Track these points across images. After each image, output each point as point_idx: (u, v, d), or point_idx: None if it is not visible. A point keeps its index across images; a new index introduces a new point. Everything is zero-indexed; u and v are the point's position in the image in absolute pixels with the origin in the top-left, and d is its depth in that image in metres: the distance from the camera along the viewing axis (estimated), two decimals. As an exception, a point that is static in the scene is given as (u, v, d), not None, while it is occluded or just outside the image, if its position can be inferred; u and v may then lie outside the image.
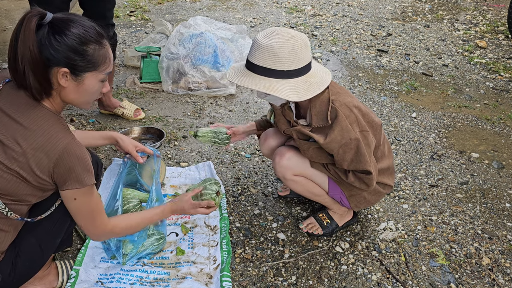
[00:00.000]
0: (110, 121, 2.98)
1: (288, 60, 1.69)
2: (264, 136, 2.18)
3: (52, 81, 1.36)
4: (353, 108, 1.78)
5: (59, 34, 1.32)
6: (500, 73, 4.05)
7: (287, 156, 1.94)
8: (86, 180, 1.41)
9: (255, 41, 1.73)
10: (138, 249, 1.85)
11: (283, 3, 6.03)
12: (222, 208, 2.19)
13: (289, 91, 1.71)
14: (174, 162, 2.60)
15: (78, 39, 1.34)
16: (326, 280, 1.87)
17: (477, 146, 2.92)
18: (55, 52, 1.31)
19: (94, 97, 1.48)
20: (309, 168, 1.94)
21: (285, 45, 1.68)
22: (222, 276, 1.78)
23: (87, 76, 1.40)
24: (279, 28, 1.74)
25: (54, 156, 1.34)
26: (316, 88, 1.75)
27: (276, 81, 1.71)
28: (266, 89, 1.71)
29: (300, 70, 1.73)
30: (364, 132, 1.79)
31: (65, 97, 1.42)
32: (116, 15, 5.05)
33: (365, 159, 1.79)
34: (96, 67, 1.42)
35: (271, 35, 1.71)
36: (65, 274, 1.77)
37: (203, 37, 3.54)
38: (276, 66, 1.70)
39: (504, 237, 2.15)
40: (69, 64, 1.35)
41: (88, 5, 2.61)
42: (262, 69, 1.72)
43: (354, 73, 3.96)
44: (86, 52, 1.37)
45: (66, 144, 1.35)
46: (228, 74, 1.84)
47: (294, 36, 1.71)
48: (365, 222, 2.20)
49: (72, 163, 1.37)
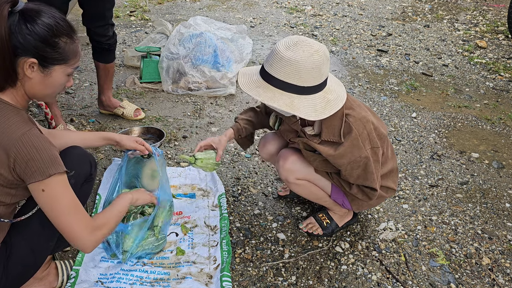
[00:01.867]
0: (110, 121, 2.97)
1: (311, 76, 1.63)
2: (263, 141, 2.16)
3: (17, 71, 1.34)
4: (367, 123, 1.74)
5: (30, 22, 1.30)
6: (500, 73, 4.05)
7: (291, 160, 1.93)
8: (50, 170, 1.32)
9: (276, 52, 1.63)
10: (138, 248, 1.84)
11: (283, 3, 6.03)
12: (222, 208, 2.19)
13: (308, 108, 1.65)
14: (174, 162, 2.60)
15: (49, 30, 1.33)
16: (326, 280, 1.87)
17: (477, 146, 2.91)
18: (24, 40, 1.30)
19: (58, 90, 1.46)
20: (313, 173, 1.93)
21: (309, 61, 1.61)
22: (222, 276, 1.78)
23: (55, 68, 1.39)
24: (302, 39, 1.65)
25: (10, 149, 1.29)
26: (334, 106, 1.69)
27: (296, 97, 1.65)
28: (287, 107, 1.64)
29: (320, 86, 1.68)
30: (374, 149, 1.76)
31: (30, 89, 1.39)
32: (116, 15, 5.05)
33: (372, 177, 1.78)
34: (66, 61, 1.40)
35: (295, 48, 1.62)
36: (65, 274, 1.76)
37: (203, 37, 3.54)
38: (298, 82, 1.63)
39: (504, 237, 2.15)
40: (38, 54, 1.33)
41: (88, 5, 2.61)
42: (281, 83, 1.64)
43: (354, 73, 3.96)
44: (57, 45, 1.36)
45: (21, 135, 1.30)
46: (241, 83, 1.74)
47: (318, 50, 1.63)
48: (365, 222, 2.20)
49: (30, 154, 1.30)
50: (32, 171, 1.31)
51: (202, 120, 3.08)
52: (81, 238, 1.40)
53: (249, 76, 1.75)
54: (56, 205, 1.36)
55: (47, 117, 2.65)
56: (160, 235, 1.91)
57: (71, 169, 1.59)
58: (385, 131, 1.87)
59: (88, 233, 1.41)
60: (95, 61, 2.84)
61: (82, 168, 1.64)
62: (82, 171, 1.63)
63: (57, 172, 1.34)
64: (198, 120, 3.08)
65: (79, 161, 1.64)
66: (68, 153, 1.62)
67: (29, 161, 1.30)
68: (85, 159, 1.67)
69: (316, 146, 1.80)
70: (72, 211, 1.38)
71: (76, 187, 1.60)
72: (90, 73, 3.65)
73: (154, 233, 1.88)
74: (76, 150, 1.67)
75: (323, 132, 1.77)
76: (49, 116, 2.64)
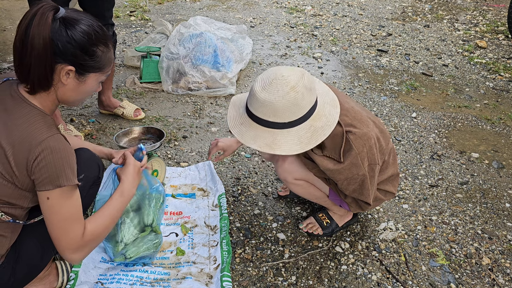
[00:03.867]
0: (110, 121, 2.97)
1: (290, 113, 1.61)
2: None
3: (54, 77, 1.35)
4: (367, 141, 1.71)
5: (70, 30, 1.32)
6: (500, 73, 4.05)
7: (289, 160, 1.93)
8: (61, 180, 1.32)
9: (253, 92, 1.63)
10: (136, 253, 1.82)
11: (283, 3, 6.03)
12: (222, 208, 2.19)
13: (291, 144, 1.64)
14: (174, 162, 2.60)
15: (88, 39, 1.34)
16: (326, 280, 1.87)
17: (477, 146, 2.92)
18: (63, 47, 1.31)
19: (88, 96, 1.49)
20: (311, 174, 1.93)
21: (285, 100, 1.59)
22: (222, 276, 1.78)
23: (90, 76, 1.41)
24: (279, 76, 1.61)
25: (30, 153, 1.29)
26: (321, 134, 1.67)
27: (279, 132, 1.64)
28: (267, 146, 1.64)
29: (303, 117, 1.65)
30: (372, 165, 1.75)
31: (62, 94, 1.41)
32: (116, 15, 5.05)
33: (368, 192, 1.78)
34: (102, 69, 1.43)
35: (270, 88, 1.60)
36: (65, 274, 1.77)
37: (203, 37, 3.54)
38: (277, 119, 1.62)
39: (504, 237, 2.15)
40: (76, 62, 1.35)
41: (88, 5, 2.61)
42: (262, 121, 1.65)
43: (354, 73, 3.96)
44: (95, 53, 1.38)
45: (43, 140, 1.30)
46: (229, 117, 1.75)
47: (295, 86, 1.59)
48: (365, 222, 2.20)
49: (47, 160, 1.29)
50: (44, 177, 1.31)
51: (202, 120, 3.08)
52: (65, 254, 1.41)
53: (238, 108, 1.76)
54: (54, 216, 1.35)
55: (47, 117, 2.64)
56: (156, 239, 1.86)
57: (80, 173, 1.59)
58: (387, 141, 1.85)
59: (71, 251, 1.40)
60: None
61: (91, 171, 1.64)
62: (90, 174, 1.64)
63: (70, 184, 1.34)
64: (198, 120, 3.08)
65: (88, 164, 1.65)
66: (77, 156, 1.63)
67: (45, 166, 1.30)
68: (93, 162, 1.67)
69: (315, 158, 1.79)
70: (66, 227, 1.37)
71: (84, 190, 1.61)
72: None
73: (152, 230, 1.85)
74: (85, 153, 1.67)
75: (325, 148, 1.76)
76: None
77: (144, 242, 1.82)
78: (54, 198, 1.34)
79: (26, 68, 1.32)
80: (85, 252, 1.45)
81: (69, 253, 1.40)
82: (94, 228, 1.46)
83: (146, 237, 1.82)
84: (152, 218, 1.82)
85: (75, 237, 1.39)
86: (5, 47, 4.09)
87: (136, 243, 1.80)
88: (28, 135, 1.31)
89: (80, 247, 1.41)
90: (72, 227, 1.38)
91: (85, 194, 1.63)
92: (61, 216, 1.36)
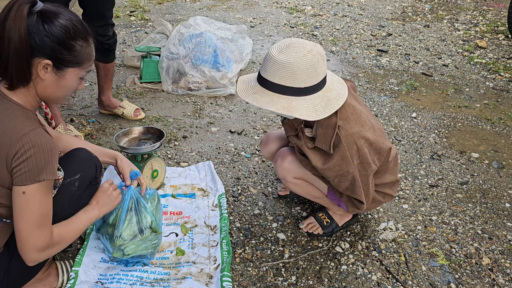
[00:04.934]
0: (110, 121, 2.97)
1: (306, 77, 1.63)
2: (265, 140, 2.18)
3: (31, 71, 1.34)
4: (358, 139, 1.71)
5: (48, 23, 1.31)
6: (500, 73, 4.05)
7: (288, 160, 1.94)
8: (41, 175, 1.30)
9: (270, 56, 1.64)
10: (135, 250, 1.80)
11: (283, 3, 6.03)
12: (222, 208, 2.19)
13: (307, 110, 1.65)
14: (174, 162, 2.60)
15: (66, 32, 1.33)
16: (326, 280, 1.87)
17: (477, 146, 2.91)
18: (40, 41, 1.30)
19: (69, 93, 1.46)
20: (310, 173, 1.93)
21: (303, 61, 1.61)
22: (222, 276, 1.78)
23: (69, 71, 1.39)
24: (295, 41, 1.65)
25: (11, 148, 1.28)
26: (334, 104, 1.68)
27: (295, 99, 1.65)
28: (285, 109, 1.64)
29: (318, 85, 1.67)
30: (364, 164, 1.75)
31: (42, 90, 1.39)
32: (116, 15, 5.05)
33: (360, 191, 1.78)
34: (80, 64, 1.41)
35: (287, 50, 1.62)
36: (65, 274, 1.76)
37: (203, 37, 3.54)
38: (294, 83, 1.63)
39: (504, 237, 2.15)
40: (54, 56, 1.33)
41: (88, 4, 2.61)
42: (278, 87, 1.64)
43: (354, 73, 3.96)
44: (73, 47, 1.36)
45: (23, 134, 1.29)
46: (239, 90, 1.74)
47: (311, 50, 1.63)
48: (365, 222, 2.20)
49: (28, 154, 1.28)
50: (24, 171, 1.29)
51: (202, 120, 3.08)
52: (27, 253, 1.37)
53: (247, 83, 1.75)
54: (26, 211, 1.33)
55: (47, 117, 2.64)
56: (155, 240, 1.85)
57: (76, 172, 1.58)
58: (386, 146, 1.82)
59: (36, 251, 1.37)
60: (95, 61, 2.84)
61: (87, 171, 1.63)
62: (87, 174, 1.63)
63: (47, 179, 1.32)
64: (198, 120, 3.08)
65: (85, 164, 1.64)
66: (73, 156, 1.62)
67: (25, 161, 1.28)
68: (90, 162, 1.66)
69: (307, 151, 1.79)
70: (37, 224, 1.34)
71: (80, 190, 1.60)
72: (90, 73, 3.64)
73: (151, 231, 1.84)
74: (82, 153, 1.66)
75: (317, 138, 1.76)
76: (49, 116, 2.63)
77: (143, 241, 1.81)
78: (31, 192, 1.31)
79: (3, 63, 1.31)
80: (49, 253, 1.42)
81: (34, 251, 1.37)
82: (62, 231, 1.45)
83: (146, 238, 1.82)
84: (151, 220, 1.82)
85: (46, 234, 1.37)
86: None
87: (135, 241, 1.79)
88: (9, 129, 1.29)
89: (47, 247, 1.39)
90: (45, 223, 1.36)
91: (82, 195, 1.62)
92: (37, 212, 1.33)
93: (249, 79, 1.77)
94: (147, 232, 1.80)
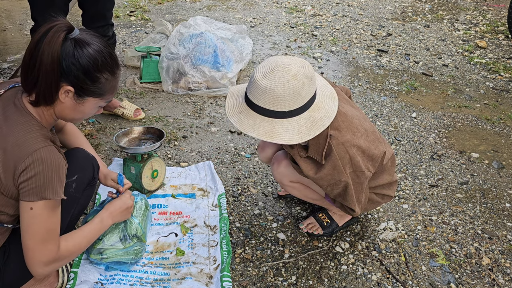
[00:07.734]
0: (110, 121, 2.98)
1: (290, 102, 1.60)
2: (262, 144, 2.17)
3: (58, 94, 1.37)
4: (350, 148, 1.69)
5: (78, 52, 1.33)
6: (500, 73, 4.05)
7: (284, 164, 1.94)
8: (47, 193, 1.32)
9: (254, 80, 1.61)
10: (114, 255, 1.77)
11: (283, 3, 6.03)
12: (222, 208, 2.19)
13: (290, 133, 1.63)
14: (174, 162, 2.60)
15: (94, 64, 1.35)
16: (326, 280, 1.87)
17: (477, 146, 2.91)
18: (67, 68, 1.33)
19: (86, 117, 1.49)
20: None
21: (285, 88, 1.57)
22: (222, 276, 1.78)
23: (89, 99, 1.42)
24: (280, 63, 1.60)
25: (20, 161, 1.29)
26: (320, 125, 1.65)
27: (278, 121, 1.62)
28: (266, 134, 1.62)
29: (304, 107, 1.63)
30: (357, 172, 1.73)
31: (60, 111, 1.42)
32: (116, 15, 5.05)
33: (352, 199, 1.77)
34: (102, 96, 1.43)
35: (271, 76, 1.58)
36: (65, 274, 1.76)
37: (203, 37, 3.54)
38: (277, 108, 1.60)
39: (504, 237, 2.15)
40: (77, 84, 1.36)
41: (88, 5, 2.61)
42: (262, 109, 1.62)
43: (354, 73, 3.96)
44: (98, 79, 1.38)
45: (35, 150, 1.31)
46: (227, 106, 1.72)
47: (296, 74, 1.58)
48: (365, 222, 2.20)
49: (36, 170, 1.30)
50: (31, 187, 1.31)
51: (202, 120, 3.08)
52: (33, 267, 1.40)
53: (236, 98, 1.73)
54: (33, 227, 1.35)
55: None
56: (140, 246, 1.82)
57: (74, 173, 1.58)
58: (379, 152, 1.79)
59: (42, 265, 1.40)
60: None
61: (85, 172, 1.64)
62: (85, 175, 1.63)
63: (56, 199, 1.34)
64: (198, 120, 3.08)
65: (83, 165, 1.64)
66: (71, 156, 1.62)
67: (34, 176, 1.30)
68: (88, 162, 1.66)
69: (299, 160, 1.78)
70: (43, 239, 1.37)
71: (78, 192, 1.60)
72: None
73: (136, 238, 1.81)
74: (79, 153, 1.66)
75: (309, 148, 1.75)
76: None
77: (126, 248, 1.78)
78: (39, 209, 1.33)
79: (32, 81, 1.34)
80: (55, 267, 1.45)
81: (41, 265, 1.39)
82: (70, 245, 1.47)
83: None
84: (136, 228, 1.80)
85: (52, 249, 1.40)
86: (5, 47, 4.09)
87: (116, 246, 1.76)
88: (22, 143, 1.31)
89: (53, 261, 1.42)
90: (51, 239, 1.39)
91: (80, 196, 1.62)
92: (43, 228, 1.35)
93: (238, 93, 1.75)
94: (130, 240, 1.78)
